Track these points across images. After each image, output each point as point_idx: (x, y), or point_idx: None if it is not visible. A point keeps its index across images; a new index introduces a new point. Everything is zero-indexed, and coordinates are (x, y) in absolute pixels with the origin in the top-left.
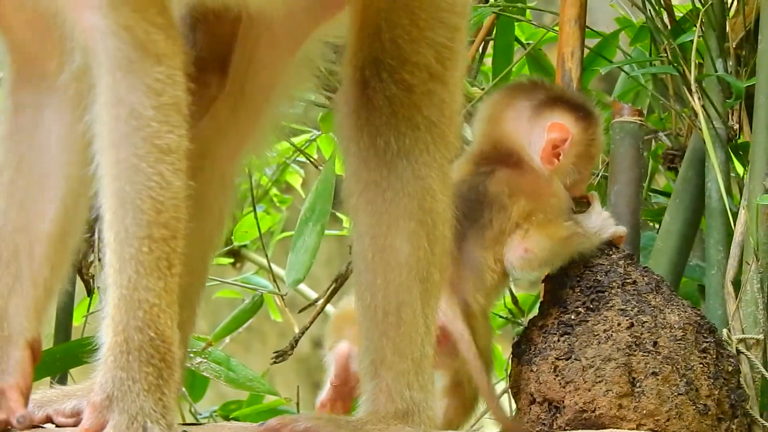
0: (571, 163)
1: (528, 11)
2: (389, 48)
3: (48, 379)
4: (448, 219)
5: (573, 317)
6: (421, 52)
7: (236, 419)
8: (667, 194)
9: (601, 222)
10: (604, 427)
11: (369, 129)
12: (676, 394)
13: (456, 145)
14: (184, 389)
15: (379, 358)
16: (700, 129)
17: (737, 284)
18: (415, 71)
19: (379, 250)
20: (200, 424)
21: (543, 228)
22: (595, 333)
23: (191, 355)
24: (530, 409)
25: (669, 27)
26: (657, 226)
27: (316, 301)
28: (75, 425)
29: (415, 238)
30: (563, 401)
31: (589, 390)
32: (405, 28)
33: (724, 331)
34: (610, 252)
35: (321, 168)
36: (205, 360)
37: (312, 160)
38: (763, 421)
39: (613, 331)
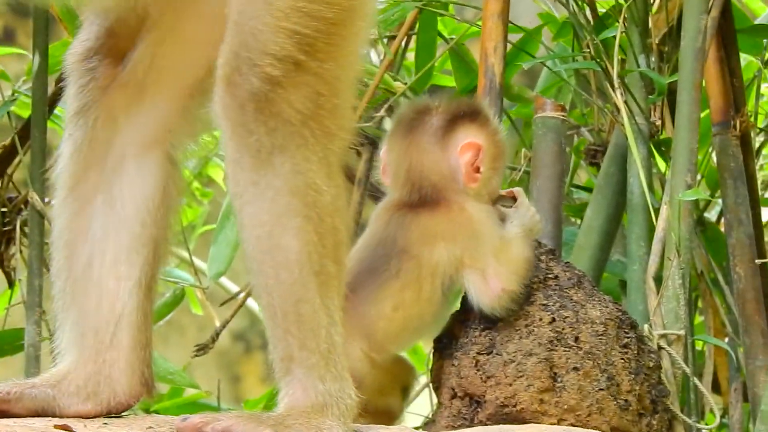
0: (490, 168)
1: (451, 6)
2: (247, 40)
3: None
4: (337, 210)
5: None
6: (279, 42)
7: (157, 412)
8: (589, 190)
9: (530, 218)
10: (525, 422)
11: (238, 129)
12: (597, 389)
13: (342, 137)
14: None
15: (287, 356)
16: (623, 125)
17: (659, 280)
18: (276, 63)
19: (267, 251)
20: (121, 416)
21: (499, 258)
22: (517, 328)
23: None
24: (451, 403)
25: (592, 23)
26: (579, 221)
27: (237, 294)
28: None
29: (302, 234)
30: (484, 396)
31: (511, 385)
32: (261, 19)
33: (646, 326)
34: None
35: None
36: None
37: None
38: (684, 417)
39: (534, 326)
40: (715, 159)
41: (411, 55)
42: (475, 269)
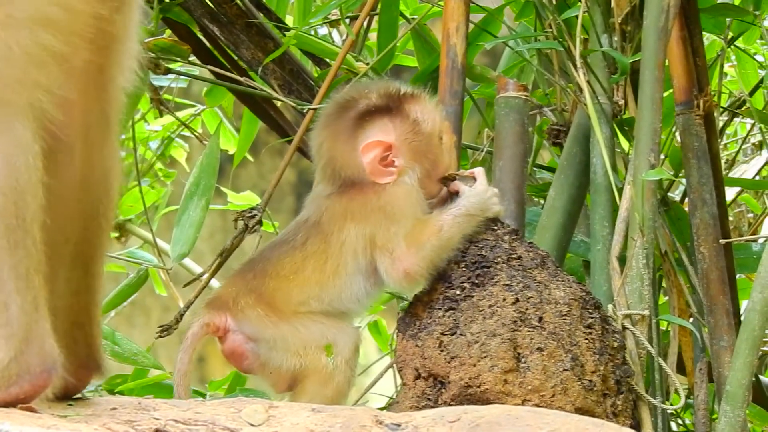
0: (411, 158)
1: None
2: None
3: None
4: None
5: (458, 292)
6: None
7: (121, 393)
8: (552, 170)
9: (485, 199)
10: (489, 403)
11: None
12: (561, 369)
13: None
14: None
15: None
16: (585, 104)
17: (622, 260)
18: None
19: None
20: (85, 398)
21: (408, 240)
22: (481, 308)
23: None
24: (415, 384)
25: (554, 2)
26: (542, 201)
27: (200, 275)
28: None
29: None
30: (448, 376)
31: (475, 365)
32: None
33: (610, 306)
34: (495, 227)
35: (206, 142)
36: None
37: (196, 134)
38: (649, 397)
39: (498, 307)
40: (678, 138)
41: (373, 36)
42: (385, 250)
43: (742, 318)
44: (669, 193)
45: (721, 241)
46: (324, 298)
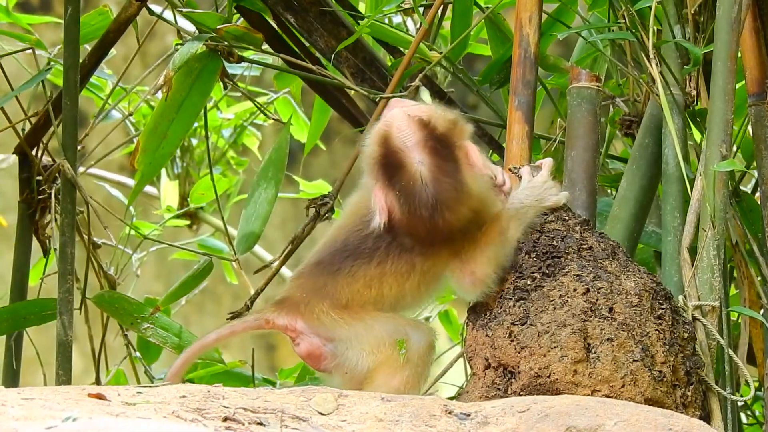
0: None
1: None
2: None
3: (4, 337)
4: None
5: (529, 282)
6: None
7: (191, 381)
8: (624, 160)
9: (542, 190)
10: (559, 393)
11: None
12: (631, 360)
13: None
14: (138, 352)
15: None
16: (658, 95)
17: (693, 251)
18: None
19: None
20: (155, 386)
21: (477, 245)
22: (551, 298)
23: (139, 320)
24: (485, 374)
25: None
26: (613, 192)
27: (271, 263)
28: None
29: None
30: (518, 366)
31: (545, 355)
32: None
33: (680, 297)
34: (566, 217)
35: (285, 122)
36: (151, 326)
37: (274, 118)
38: (718, 388)
39: (568, 297)
40: (750, 130)
41: (447, 24)
42: (458, 253)
43: None
44: (740, 185)
45: None
46: (398, 307)
